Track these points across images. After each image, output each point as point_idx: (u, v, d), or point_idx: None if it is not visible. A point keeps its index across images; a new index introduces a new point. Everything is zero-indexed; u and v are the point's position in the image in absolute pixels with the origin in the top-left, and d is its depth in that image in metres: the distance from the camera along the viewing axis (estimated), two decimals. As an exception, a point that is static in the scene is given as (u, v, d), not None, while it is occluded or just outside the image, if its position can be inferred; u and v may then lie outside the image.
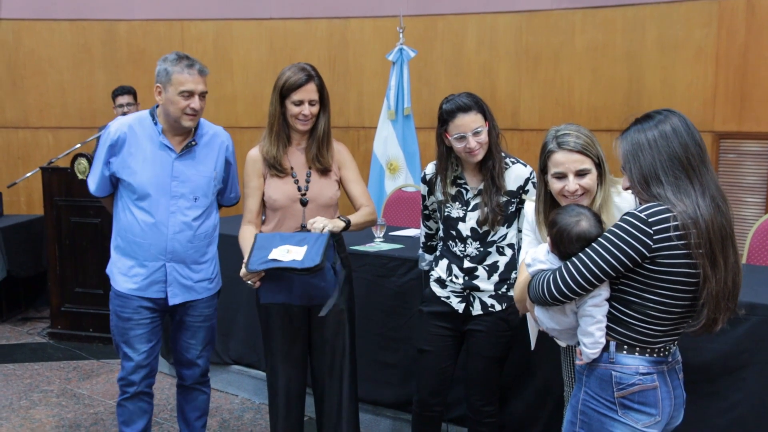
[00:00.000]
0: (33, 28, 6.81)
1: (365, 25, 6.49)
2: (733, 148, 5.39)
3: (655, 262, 1.94)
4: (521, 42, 6.04)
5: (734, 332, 2.79)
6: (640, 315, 2.01)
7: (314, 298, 2.89)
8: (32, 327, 5.82)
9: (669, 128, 2.00)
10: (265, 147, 3.02)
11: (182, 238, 3.10)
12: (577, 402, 2.14)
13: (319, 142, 3.02)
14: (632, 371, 2.03)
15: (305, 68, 2.97)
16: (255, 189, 3.06)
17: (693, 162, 1.97)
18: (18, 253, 5.87)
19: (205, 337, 3.29)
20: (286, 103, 2.96)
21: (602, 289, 2.05)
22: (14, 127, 6.87)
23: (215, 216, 3.27)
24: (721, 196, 2.00)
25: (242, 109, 6.78)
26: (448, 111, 2.80)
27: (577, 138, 2.32)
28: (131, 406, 3.22)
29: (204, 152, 3.16)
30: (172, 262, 3.11)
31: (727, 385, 2.85)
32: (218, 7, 6.73)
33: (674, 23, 5.47)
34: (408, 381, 3.69)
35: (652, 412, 2.03)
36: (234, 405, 4.33)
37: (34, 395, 4.48)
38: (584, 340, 2.09)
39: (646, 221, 1.93)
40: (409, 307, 3.60)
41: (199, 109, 3.03)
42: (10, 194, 6.44)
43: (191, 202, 3.11)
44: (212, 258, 3.26)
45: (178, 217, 3.09)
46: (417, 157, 5.81)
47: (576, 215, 2.12)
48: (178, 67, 2.99)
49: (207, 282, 3.23)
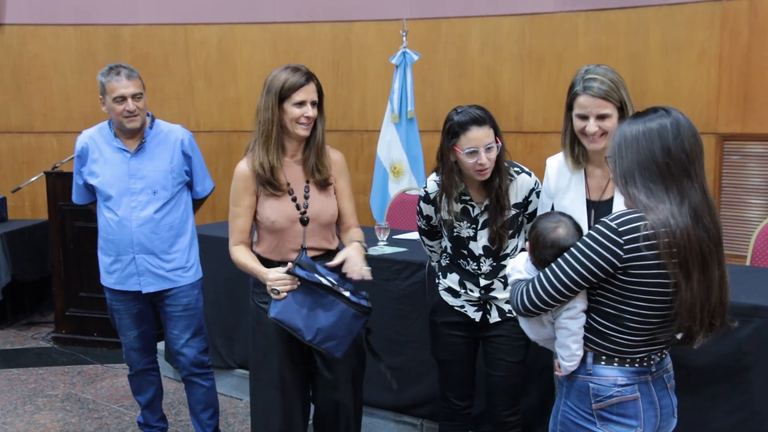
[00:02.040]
0: (37, 33, 6.83)
1: (369, 29, 6.48)
2: (737, 150, 5.37)
3: (628, 273, 1.90)
4: (524, 44, 6.04)
5: (738, 334, 2.78)
6: (617, 326, 1.97)
7: (327, 341, 2.60)
8: (37, 331, 5.83)
9: (656, 129, 1.91)
10: (259, 159, 2.73)
11: (146, 230, 3.38)
12: (557, 413, 2.12)
13: (318, 149, 2.81)
14: (610, 383, 1.99)
15: (300, 68, 2.77)
16: (247, 209, 2.80)
17: (673, 169, 1.89)
18: (22, 257, 5.89)
19: (188, 326, 3.50)
20: (284, 107, 2.72)
21: (577, 301, 2.02)
22: (19, 132, 6.89)
23: (184, 209, 3.51)
24: (707, 209, 1.91)
25: (246, 113, 6.77)
26: (461, 123, 2.63)
27: (602, 84, 2.41)
28: (138, 379, 3.68)
29: (159, 149, 3.43)
30: (141, 254, 3.40)
31: (731, 387, 2.84)
32: (222, 11, 6.73)
33: (677, 25, 5.46)
34: (412, 385, 3.69)
35: (633, 424, 1.99)
36: (238, 409, 4.33)
37: (39, 400, 4.49)
38: (561, 353, 2.08)
39: (617, 231, 1.88)
40: (413, 310, 3.60)
41: (134, 109, 3.31)
42: (15, 199, 6.45)
43: (150, 195, 3.38)
44: (185, 248, 3.49)
45: (139, 211, 3.37)
46: (421, 160, 5.78)
47: (555, 222, 2.14)
48: (108, 77, 3.33)
49: (181, 270, 3.47)
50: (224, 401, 4.42)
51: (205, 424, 3.61)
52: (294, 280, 2.58)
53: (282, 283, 2.58)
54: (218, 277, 4.33)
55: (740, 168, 5.39)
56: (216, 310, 4.42)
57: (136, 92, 3.32)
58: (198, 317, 3.54)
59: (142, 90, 3.36)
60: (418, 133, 5.79)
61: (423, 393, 3.67)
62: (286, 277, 2.58)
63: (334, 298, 2.56)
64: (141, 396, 3.71)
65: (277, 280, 2.59)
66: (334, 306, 2.57)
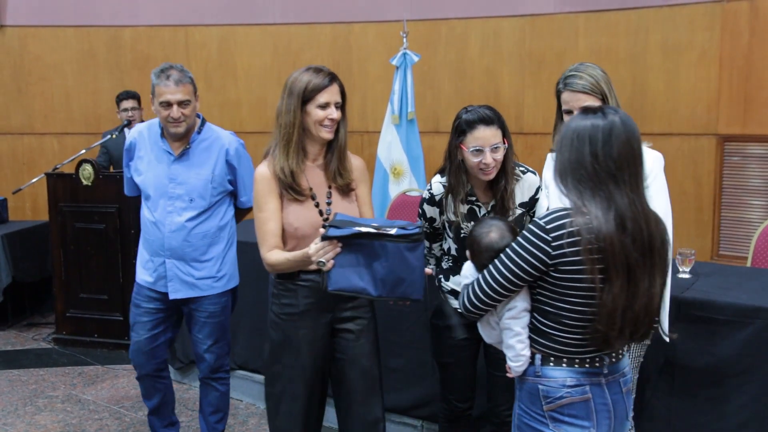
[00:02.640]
0: (38, 35, 6.84)
1: (369, 30, 6.50)
2: (737, 151, 5.37)
3: (559, 270, 1.92)
4: (524, 46, 6.04)
5: (738, 335, 2.78)
6: (558, 324, 1.98)
7: (397, 288, 2.37)
8: (37, 333, 5.82)
9: (588, 131, 1.91)
10: (280, 164, 2.62)
11: (178, 236, 3.30)
12: (515, 416, 2.12)
13: (341, 153, 2.72)
14: (559, 384, 1.98)
15: (323, 69, 2.67)
16: (274, 212, 2.65)
17: (600, 174, 1.89)
18: (23, 258, 5.89)
19: (211, 333, 3.42)
20: (307, 109, 2.62)
21: (518, 301, 2.04)
22: (19, 133, 6.90)
23: (221, 218, 3.38)
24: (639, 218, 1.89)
25: (247, 114, 6.79)
26: (468, 121, 2.64)
27: (580, 79, 2.61)
28: (144, 383, 3.55)
29: (203, 156, 3.32)
30: (171, 259, 3.32)
31: (732, 389, 2.84)
32: (222, 12, 6.75)
33: (677, 26, 5.46)
34: (411, 386, 3.69)
35: (585, 425, 1.98)
36: (238, 410, 4.33)
37: (39, 401, 4.49)
38: (508, 353, 2.09)
39: (545, 229, 1.91)
40: (413, 311, 3.60)
41: (179, 116, 3.20)
42: (16, 200, 6.45)
43: (186, 203, 3.29)
44: (217, 257, 3.37)
45: (174, 217, 3.29)
46: (421, 162, 5.80)
47: (487, 227, 2.20)
48: (159, 80, 3.22)
49: (211, 280, 3.37)
50: (224, 402, 4.43)
51: (212, 426, 3.59)
52: (334, 244, 2.36)
53: (323, 252, 2.35)
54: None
55: (741, 169, 5.39)
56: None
57: (184, 99, 3.21)
58: (223, 325, 3.47)
59: (191, 96, 3.25)
60: (418, 134, 5.81)
61: (423, 394, 3.66)
62: (324, 245, 2.36)
63: (381, 242, 2.33)
64: (148, 401, 3.61)
65: (317, 251, 2.36)
66: (384, 250, 2.34)
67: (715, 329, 2.84)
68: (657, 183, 2.58)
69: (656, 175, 2.58)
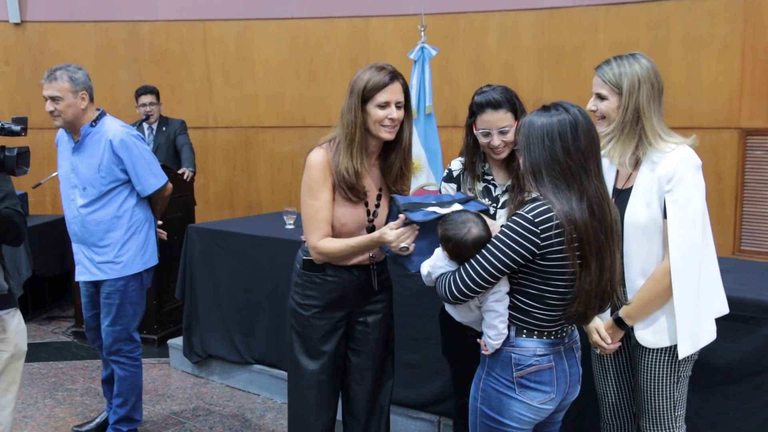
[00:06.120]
0: (58, 30, 6.88)
1: (386, 24, 6.47)
2: (760, 145, 5.30)
3: (545, 258, 2.08)
4: (543, 39, 5.99)
5: (759, 333, 2.74)
6: (540, 303, 2.15)
7: None
8: (57, 326, 5.87)
9: (557, 129, 2.07)
10: (344, 164, 2.59)
11: (76, 222, 3.62)
12: (479, 380, 2.29)
13: (405, 154, 2.68)
14: (530, 353, 2.18)
15: (385, 67, 2.61)
16: (327, 202, 2.64)
17: (573, 168, 2.07)
18: (43, 252, 5.94)
19: (108, 313, 3.65)
20: (367, 108, 2.58)
21: (501, 285, 2.18)
22: (39, 128, 6.93)
23: (119, 206, 3.60)
24: (601, 199, 2.09)
25: (264, 109, 6.79)
26: (478, 104, 2.71)
27: (609, 67, 2.55)
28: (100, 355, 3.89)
29: (94, 148, 3.56)
30: (77, 243, 3.68)
31: (754, 387, 2.80)
32: (240, 7, 6.75)
33: (699, 19, 5.39)
34: (429, 381, 3.68)
35: (547, 390, 2.19)
36: (256, 404, 4.34)
37: (59, 394, 4.52)
38: (489, 333, 2.22)
39: (533, 221, 2.06)
40: (430, 307, 3.58)
41: (51, 110, 3.51)
42: (36, 194, 6.51)
43: (81, 191, 3.58)
44: (115, 243, 3.61)
45: (73, 204, 3.62)
46: (439, 156, 5.77)
47: (463, 224, 2.22)
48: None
49: (111, 264, 3.62)
50: (241, 396, 4.43)
51: (113, 410, 3.76)
52: (414, 228, 2.40)
53: (405, 237, 2.40)
54: (236, 274, 4.33)
55: (764, 163, 5.32)
56: (234, 307, 4.42)
57: (54, 95, 3.50)
58: (120, 308, 3.64)
59: (64, 93, 3.49)
60: (436, 128, 5.77)
61: (440, 390, 3.65)
62: (405, 230, 2.40)
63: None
64: (104, 371, 3.89)
65: (399, 237, 2.40)
66: None
67: (737, 326, 2.80)
68: (682, 188, 2.34)
69: (680, 178, 2.34)
